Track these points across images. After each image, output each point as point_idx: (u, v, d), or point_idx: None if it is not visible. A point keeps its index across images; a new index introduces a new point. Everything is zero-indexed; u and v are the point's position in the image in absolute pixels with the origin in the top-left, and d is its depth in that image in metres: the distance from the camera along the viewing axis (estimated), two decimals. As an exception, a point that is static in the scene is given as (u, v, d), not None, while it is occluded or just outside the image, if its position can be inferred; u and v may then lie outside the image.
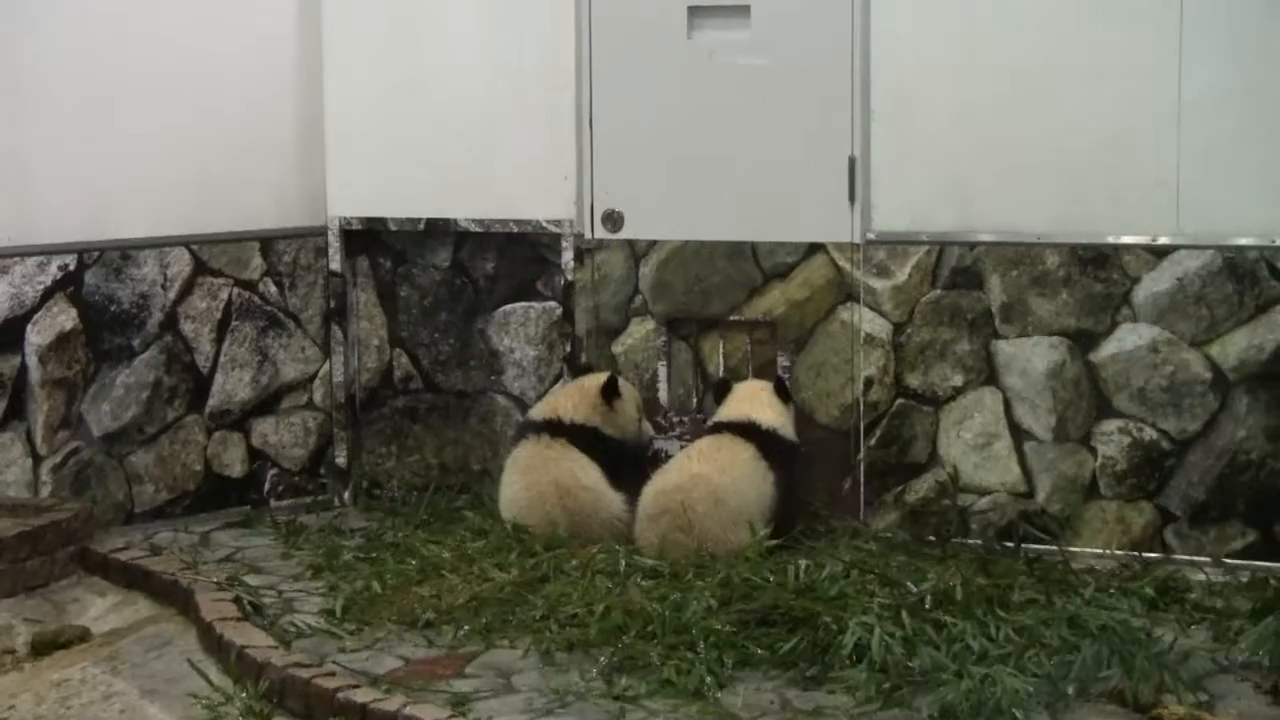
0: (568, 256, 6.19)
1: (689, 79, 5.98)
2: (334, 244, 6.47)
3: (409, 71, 6.34)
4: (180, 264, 6.19)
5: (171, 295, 6.17)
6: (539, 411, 5.90)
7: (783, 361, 5.94)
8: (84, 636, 5.09)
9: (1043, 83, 5.53)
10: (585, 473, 5.67)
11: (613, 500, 5.64)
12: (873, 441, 5.82)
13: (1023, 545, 5.51)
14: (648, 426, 6.00)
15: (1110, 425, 5.57)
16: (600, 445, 5.76)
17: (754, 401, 5.66)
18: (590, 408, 5.81)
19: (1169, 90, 5.37)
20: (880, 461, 5.82)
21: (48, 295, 5.95)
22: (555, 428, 5.75)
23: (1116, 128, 5.45)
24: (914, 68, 5.67)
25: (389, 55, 6.35)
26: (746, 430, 5.54)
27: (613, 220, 6.16)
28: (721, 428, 5.60)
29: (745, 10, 5.87)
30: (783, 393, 5.70)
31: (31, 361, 5.93)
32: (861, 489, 5.84)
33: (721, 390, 5.79)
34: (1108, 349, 5.55)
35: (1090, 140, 5.49)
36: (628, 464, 5.77)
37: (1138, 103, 5.42)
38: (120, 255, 6.07)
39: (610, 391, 5.83)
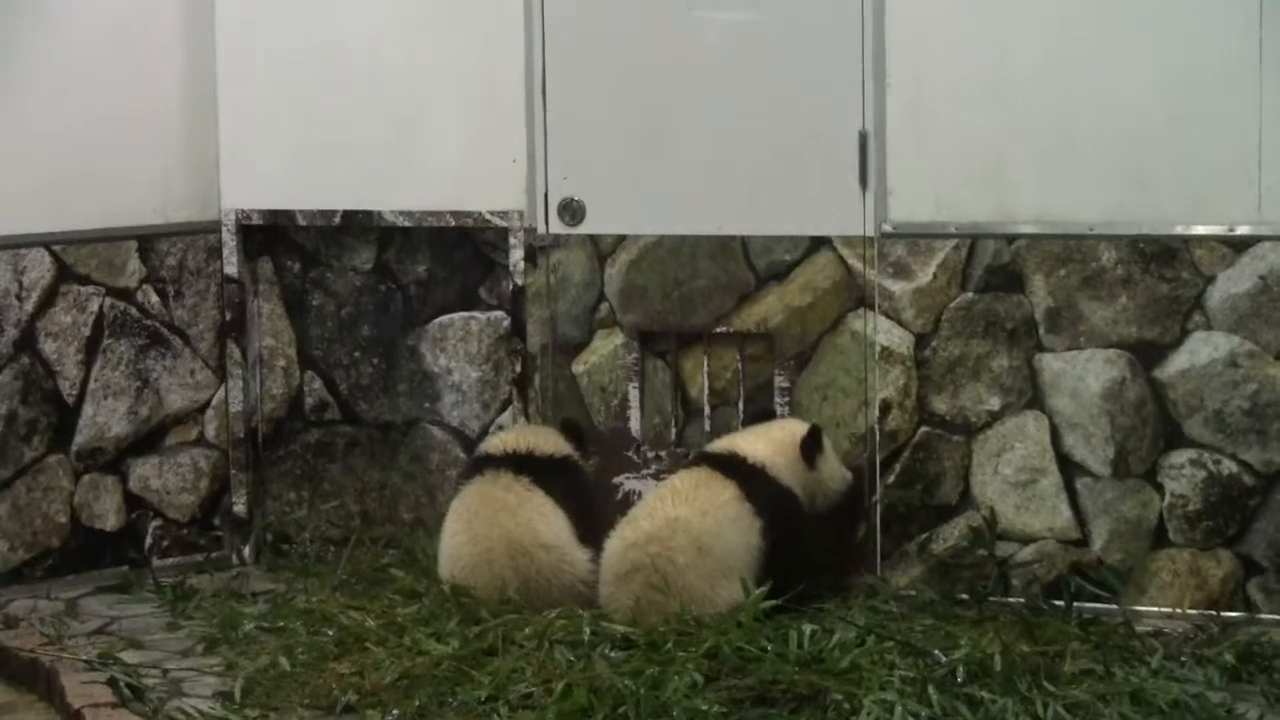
0: (517, 256, 6.20)
1: (664, 37, 6.00)
2: (229, 243, 6.46)
3: (321, 32, 6.36)
4: (39, 269, 6.17)
5: (28, 307, 6.16)
6: (496, 444, 5.91)
7: (781, 382, 5.96)
8: (-82, 733, 5.07)
9: (1097, 42, 5.56)
10: (546, 524, 5.68)
11: (577, 561, 5.65)
12: (891, 479, 5.84)
13: (1075, 604, 5.53)
14: None
15: (1181, 457, 5.59)
16: (575, 482, 5.82)
17: (749, 435, 5.71)
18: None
19: (1247, 53, 5.41)
20: (900, 504, 5.84)
21: (-125, 308, 5.97)
22: (520, 463, 5.76)
23: (1185, 96, 5.49)
24: (938, 20, 5.70)
25: (296, 13, 6.37)
26: (728, 465, 5.56)
27: (571, 211, 6.17)
28: (702, 460, 5.65)
29: (731, -47, 5.94)
30: (808, 449, 5.66)
31: None
32: (878, 537, 5.86)
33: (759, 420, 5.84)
34: (1176, 364, 5.58)
35: (1154, 111, 5.52)
36: (599, 511, 5.81)
37: (1210, 68, 5.45)
38: (-35, 259, 6.06)
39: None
